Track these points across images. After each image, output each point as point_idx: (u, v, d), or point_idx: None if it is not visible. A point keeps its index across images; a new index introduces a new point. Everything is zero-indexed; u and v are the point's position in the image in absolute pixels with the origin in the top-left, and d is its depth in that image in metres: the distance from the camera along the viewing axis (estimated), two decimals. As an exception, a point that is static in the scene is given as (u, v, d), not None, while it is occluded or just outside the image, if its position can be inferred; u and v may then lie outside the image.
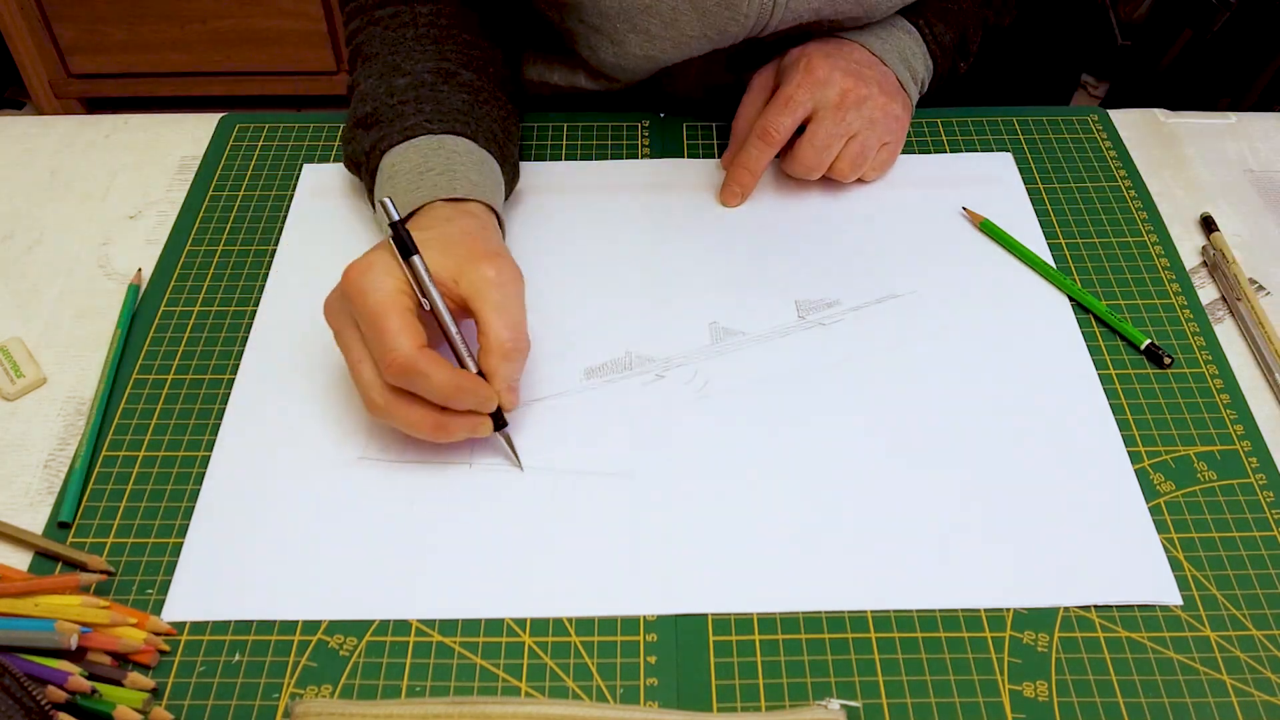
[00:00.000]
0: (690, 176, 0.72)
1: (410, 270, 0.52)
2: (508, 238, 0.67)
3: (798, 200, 0.70)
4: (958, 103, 0.78)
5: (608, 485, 0.55)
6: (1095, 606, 0.51)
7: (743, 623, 0.50)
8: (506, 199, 0.66)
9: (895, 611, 0.50)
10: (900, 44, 0.71)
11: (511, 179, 0.67)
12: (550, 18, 0.73)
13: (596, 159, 0.73)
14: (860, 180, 0.71)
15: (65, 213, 0.71)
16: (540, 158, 0.73)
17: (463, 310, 0.54)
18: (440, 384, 0.51)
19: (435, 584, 0.52)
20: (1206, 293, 0.66)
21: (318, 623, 0.50)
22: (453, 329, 0.53)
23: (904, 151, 0.73)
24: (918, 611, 0.50)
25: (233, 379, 0.60)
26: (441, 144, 0.61)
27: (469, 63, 0.67)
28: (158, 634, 0.49)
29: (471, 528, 0.54)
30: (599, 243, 0.68)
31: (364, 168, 0.64)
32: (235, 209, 0.70)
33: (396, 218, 0.52)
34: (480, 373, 0.53)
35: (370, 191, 0.65)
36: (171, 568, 0.52)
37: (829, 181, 0.70)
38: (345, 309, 0.53)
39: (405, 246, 0.52)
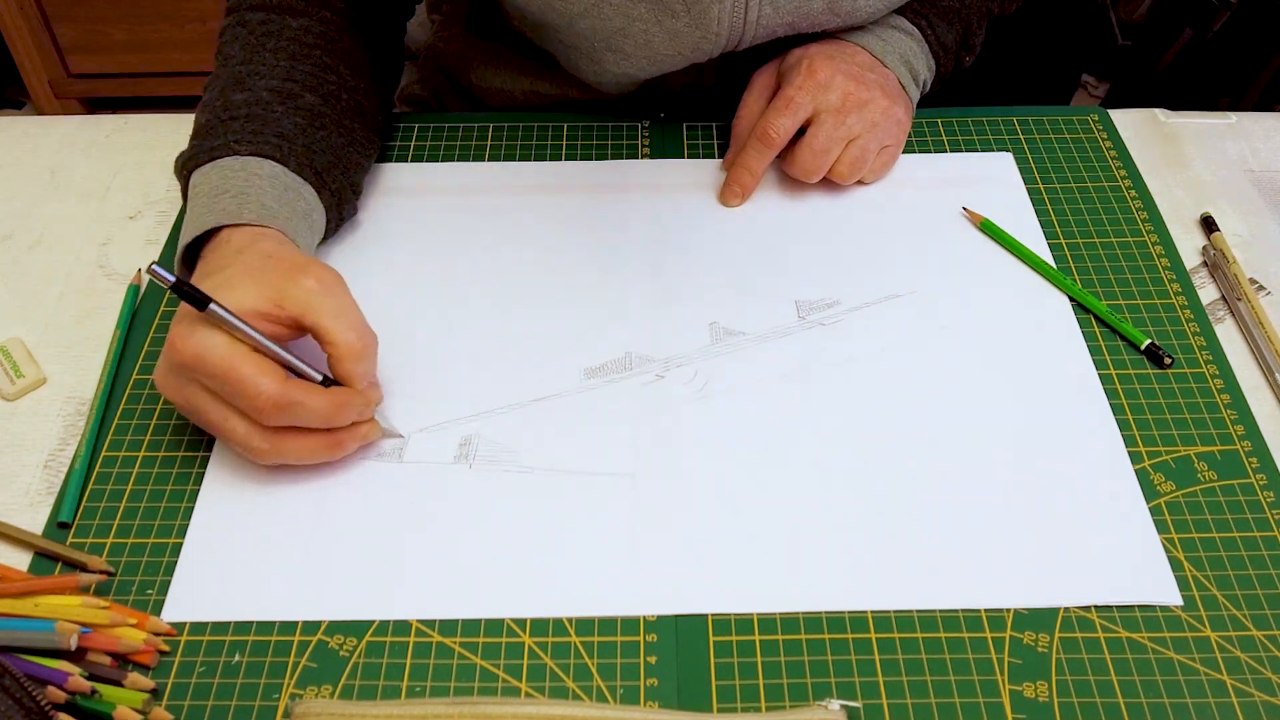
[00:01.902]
0: (690, 176, 0.72)
1: (215, 319, 0.50)
2: (504, 239, 0.67)
3: (798, 200, 0.70)
4: (958, 103, 0.78)
5: (608, 485, 0.55)
6: (1095, 607, 0.51)
7: (743, 623, 0.50)
8: (336, 227, 0.65)
9: (895, 611, 0.50)
10: (902, 46, 0.71)
11: (338, 206, 0.64)
12: (531, 39, 0.73)
13: (596, 159, 0.73)
14: (860, 182, 0.71)
15: (65, 213, 0.71)
16: (540, 158, 0.73)
17: (295, 329, 0.53)
18: (319, 407, 0.51)
19: (435, 584, 0.51)
20: (1207, 293, 0.66)
21: (318, 623, 0.50)
22: (287, 355, 0.52)
23: (904, 151, 0.73)
24: (918, 611, 0.50)
25: (233, 379, 0.60)
26: (245, 166, 0.58)
27: (318, 86, 0.64)
28: (158, 634, 0.49)
29: (471, 528, 0.54)
30: (599, 243, 0.67)
31: (181, 181, 0.62)
32: (235, 209, 0.70)
33: (172, 280, 0.50)
34: (334, 382, 0.54)
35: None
36: (171, 568, 0.52)
37: (829, 182, 0.70)
38: (185, 379, 0.52)
39: (196, 301, 0.50)
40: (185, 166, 0.60)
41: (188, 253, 0.58)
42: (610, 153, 0.74)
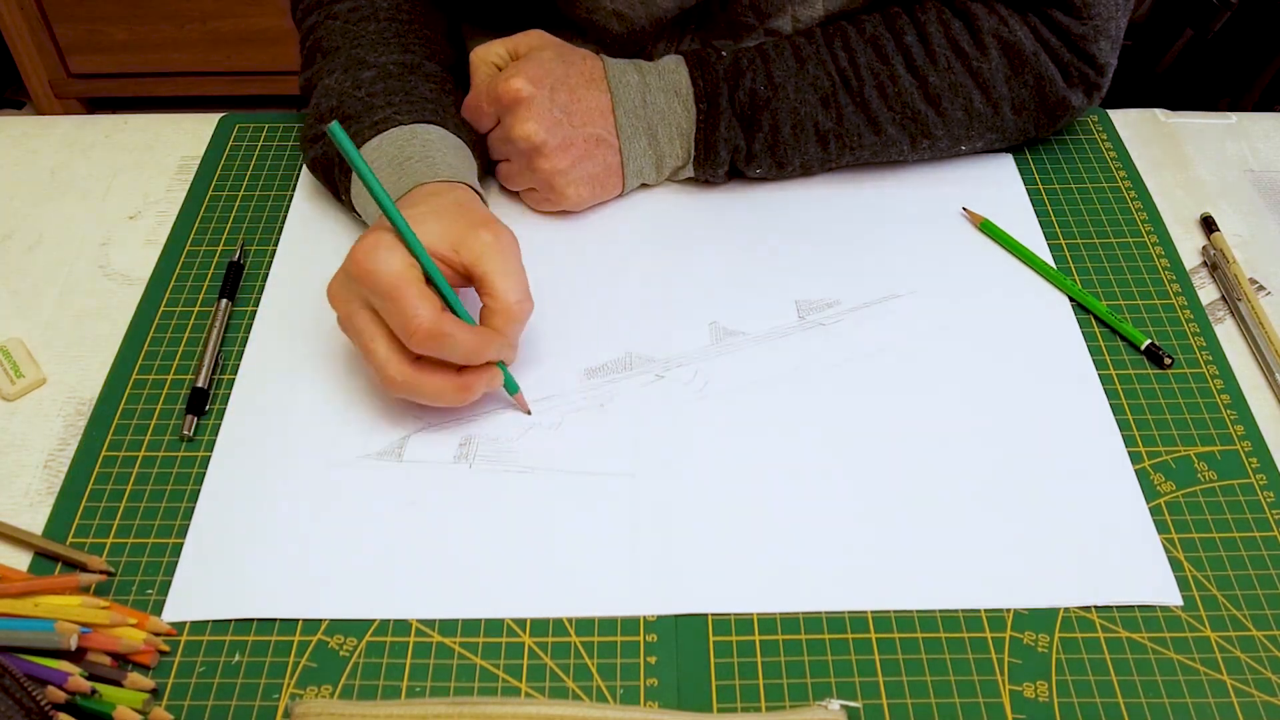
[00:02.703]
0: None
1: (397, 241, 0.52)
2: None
3: (798, 200, 0.70)
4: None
5: (608, 485, 0.55)
6: (1095, 607, 0.51)
7: (743, 623, 0.50)
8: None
9: (895, 611, 0.50)
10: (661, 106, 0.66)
11: (481, 160, 0.67)
12: None
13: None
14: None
15: (65, 213, 0.71)
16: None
17: (463, 278, 0.55)
18: (466, 340, 0.52)
19: (435, 584, 0.51)
20: (1207, 293, 0.66)
21: (318, 623, 0.50)
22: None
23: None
24: (918, 611, 0.50)
25: (233, 379, 0.60)
26: (414, 133, 0.61)
27: (432, 55, 0.67)
28: (158, 634, 0.49)
29: (471, 528, 0.54)
30: (599, 243, 0.67)
31: (337, 166, 0.64)
32: (235, 209, 0.70)
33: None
34: None
35: (342, 191, 0.64)
36: (171, 568, 0.52)
37: (829, 182, 0.70)
38: (353, 291, 0.54)
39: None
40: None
41: None
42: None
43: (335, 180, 0.65)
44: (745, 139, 0.66)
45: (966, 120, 0.67)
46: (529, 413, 0.58)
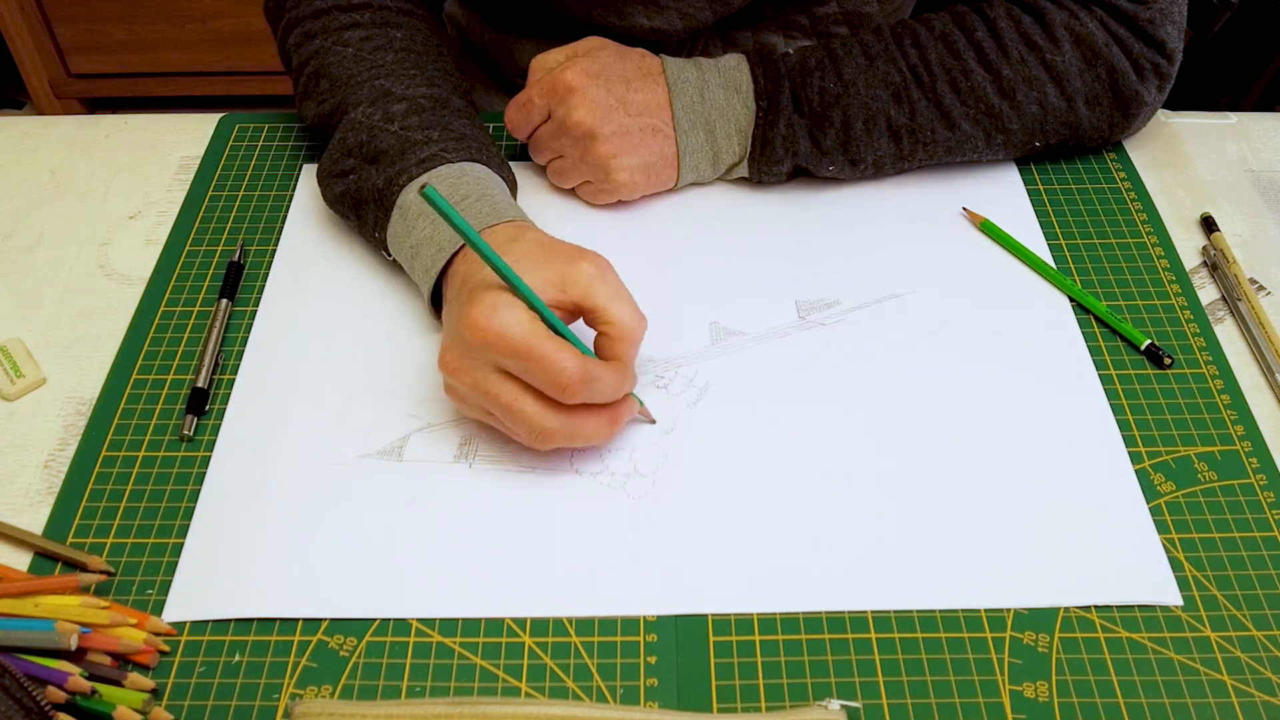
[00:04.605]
0: (690, 176, 0.72)
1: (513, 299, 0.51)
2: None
3: (798, 200, 0.70)
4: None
5: (608, 485, 0.55)
6: (1095, 607, 0.51)
7: (743, 623, 0.50)
8: None
9: (895, 611, 0.50)
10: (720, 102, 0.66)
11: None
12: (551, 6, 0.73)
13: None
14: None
15: (65, 213, 0.71)
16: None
17: (575, 313, 0.54)
18: (613, 380, 0.52)
19: (435, 584, 0.52)
20: (1206, 293, 0.66)
21: (318, 622, 0.50)
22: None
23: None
24: (918, 611, 0.50)
25: (233, 379, 0.60)
26: (464, 171, 0.59)
27: (455, 88, 0.65)
28: (158, 634, 0.49)
29: (471, 528, 0.54)
30: (599, 242, 0.67)
31: (373, 204, 0.61)
32: (235, 209, 0.70)
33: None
34: None
35: (377, 229, 0.61)
36: (171, 568, 0.52)
37: (829, 181, 0.70)
38: (479, 359, 0.51)
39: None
40: (394, 183, 0.59)
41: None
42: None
43: (366, 216, 0.62)
44: (816, 136, 0.66)
45: (1041, 114, 0.67)
46: (654, 421, 0.58)
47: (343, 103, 0.64)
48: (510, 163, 0.72)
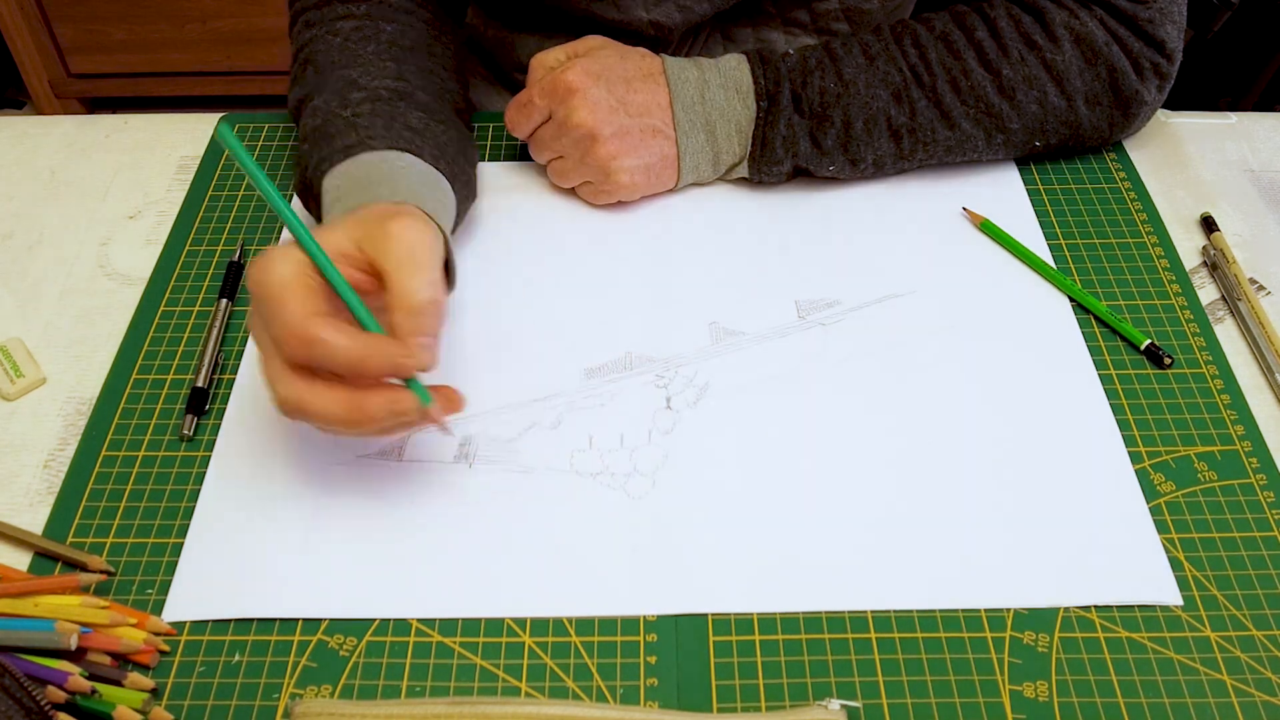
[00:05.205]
0: (690, 176, 0.72)
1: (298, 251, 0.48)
2: (504, 239, 0.67)
3: (798, 200, 0.70)
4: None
5: (608, 485, 0.55)
6: (1095, 606, 0.51)
7: (743, 623, 0.50)
8: (460, 220, 0.64)
9: (895, 611, 0.50)
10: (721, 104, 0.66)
11: (464, 197, 0.63)
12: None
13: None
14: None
15: (65, 213, 0.71)
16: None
17: (376, 277, 0.49)
18: (343, 347, 0.46)
19: (435, 584, 0.52)
20: (1206, 293, 0.66)
21: (318, 622, 0.50)
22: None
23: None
24: (918, 611, 0.50)
25: (233, 379, 0.60)
26: (385, 159, 0.58)
27: (426, 85, 0.65)
28: (158, 634, 0.49)
29: (471, 528, 0.54)
30: (599, 242, 0.67)
31: (309, 188, 0.61)
32: (235, 209, 0.70)
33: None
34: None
35: (318, 213, 0.61)
36: (171, 568, 0.52)
37: (829, 181, 0.70)
38: (255, 313, 0.49)
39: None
40: (319, 168, 0.59)
41: None
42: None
43: (309, 202, 0.62)
44: (816, 136, 0.66)
45: (1041, 114, 0.67)
46: (451, 433, 0.55)
47: (313, 90, 0.64)
48: (510, 162, 0.73)
